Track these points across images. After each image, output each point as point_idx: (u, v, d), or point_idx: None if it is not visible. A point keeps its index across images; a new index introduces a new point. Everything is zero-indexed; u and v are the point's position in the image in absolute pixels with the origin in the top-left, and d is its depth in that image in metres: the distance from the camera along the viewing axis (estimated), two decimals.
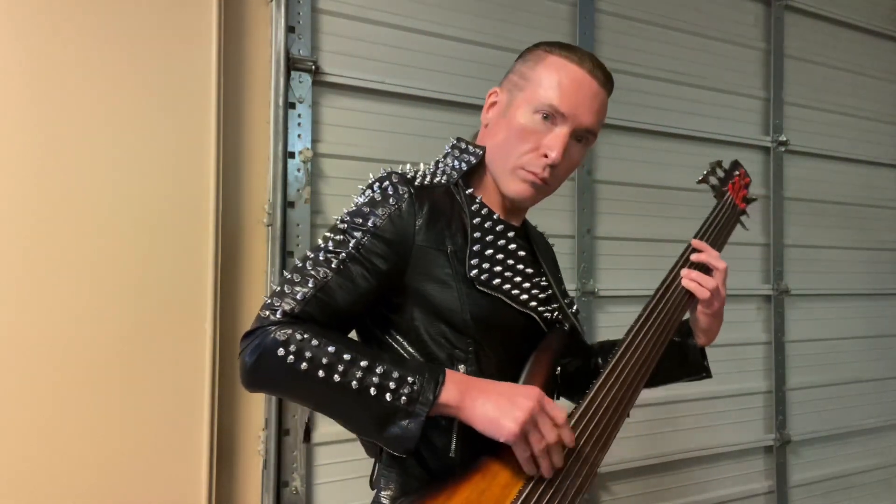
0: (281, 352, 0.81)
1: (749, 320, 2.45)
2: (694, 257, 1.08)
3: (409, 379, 0.84)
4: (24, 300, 1.43)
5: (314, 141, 1.71)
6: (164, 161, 1.57)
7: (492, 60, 1.97)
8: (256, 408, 1.66)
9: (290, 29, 1.68)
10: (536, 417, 0.85)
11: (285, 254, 1.65)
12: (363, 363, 0.83)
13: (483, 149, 1.01)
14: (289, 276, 0.89)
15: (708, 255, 1.08)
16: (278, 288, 0.88)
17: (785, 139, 2.49)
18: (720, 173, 1.20)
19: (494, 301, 0.94)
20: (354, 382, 0.82)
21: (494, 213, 0.99)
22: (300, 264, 0.90)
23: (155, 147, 1.56)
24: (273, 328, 0.83)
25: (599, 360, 1.19)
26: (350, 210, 0.94)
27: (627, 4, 2.22)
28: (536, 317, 0.99)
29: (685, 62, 2.33)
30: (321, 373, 0.82)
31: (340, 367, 0.82)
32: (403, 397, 0.83)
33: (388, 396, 0.82)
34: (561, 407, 0.90)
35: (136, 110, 1.54)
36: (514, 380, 0.97)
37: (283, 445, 1.63)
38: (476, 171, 1.03)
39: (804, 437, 2.53)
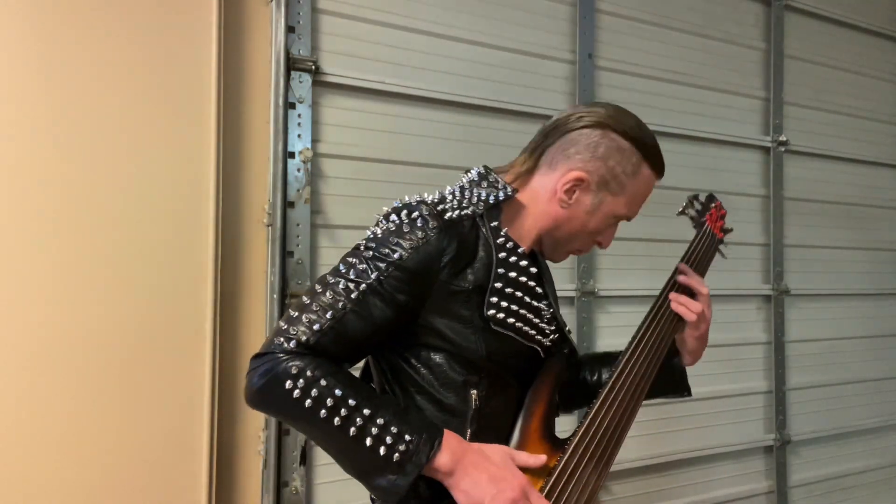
0: (289, 384, 0.83)
1: (749, 320, 2.45)
2: (680, 279, 1.13)
3: (407, 437, 0.85)
4: (23, 299, 1.43)
5: (314, 141, 1.71)
6: (164, 161, 1.57)
7: (492, 60, 1.97)
8: None
9: (290, 29, 1.68)
10: None
11: (285, 254, 1.65)
12: (366, 412, 0.84)
13: (515, 190, 1.02)
14: (307, 301, 0.89)
15: (692, 279, 1.12)
16: (294, 314, 0.88)
17: (785, 139, 2.49)
18: (697, 205, 1.27)
19: (507, 338, 0.96)
20: (353, 429, 0.83)
21: (520, 248, 1.00)
22: (319, 289, 0.90)
23: (155, 147, 1.56)
24: (285, 357, 0.84)
25: (587, 374, 1.21)
26: (376, 236, 0.93)
27: (627, 4, 2.22)
28: (539, 348, 1.02)
29: (685, 62, 2.33)
30: (323, 412, 0.83)
31: (343, 412, 0.83)
32: (397, 454, 0.84)
33: (381, 450, 0.84)
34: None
35: (137, 110, 1.54)
36: (519, 404, 1.01)
37: (283, 445, 1.63)
38: (504, 204, 1.02)
39: (804, 437, 2.53)
